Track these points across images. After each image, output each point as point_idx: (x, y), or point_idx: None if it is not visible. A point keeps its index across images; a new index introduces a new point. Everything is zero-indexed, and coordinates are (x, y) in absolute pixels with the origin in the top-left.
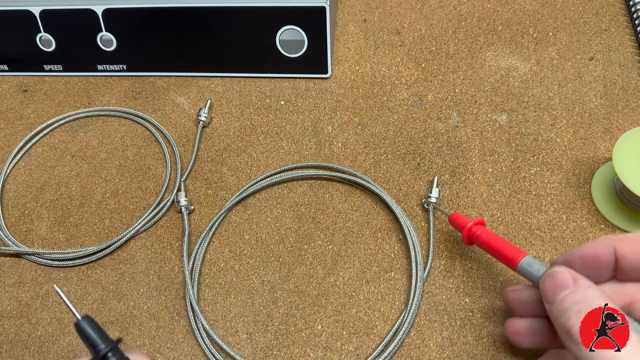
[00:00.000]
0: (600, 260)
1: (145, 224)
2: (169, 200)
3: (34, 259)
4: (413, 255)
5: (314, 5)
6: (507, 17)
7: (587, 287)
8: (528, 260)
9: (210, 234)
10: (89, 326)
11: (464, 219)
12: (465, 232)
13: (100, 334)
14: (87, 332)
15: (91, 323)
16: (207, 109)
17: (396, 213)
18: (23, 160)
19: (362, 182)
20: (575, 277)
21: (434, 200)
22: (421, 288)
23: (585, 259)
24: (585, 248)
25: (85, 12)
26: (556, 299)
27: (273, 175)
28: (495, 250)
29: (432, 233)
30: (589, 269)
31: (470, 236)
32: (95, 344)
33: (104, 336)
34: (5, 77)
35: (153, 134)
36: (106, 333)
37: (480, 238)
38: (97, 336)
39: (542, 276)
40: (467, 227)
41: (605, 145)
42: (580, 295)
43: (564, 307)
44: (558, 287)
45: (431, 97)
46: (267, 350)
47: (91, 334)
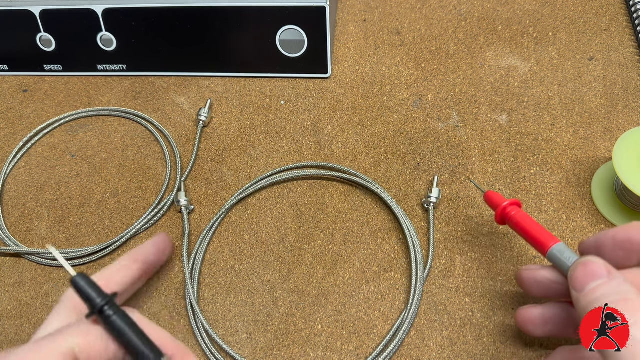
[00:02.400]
0: (632, 243)
1: (145, 224)
2: (169, 200)
3: (34, 258)
4: (413, 255)
5: (314, 5)
6: (507, 17)
7: (623, 280)
8: (560, 247)
9: (211, 234)
10: (84, 282)
11: (499, 198)
12: (499, 212)
13: (96, 289)
14: (83, 287)
15: (86, 280)
16: (207, 108)
17: (396, 213)
18: (23, 160)
19: (362, 182)
20: (610, 270)
21: (434, 200)
22: (421, 288)
23: (618, 240)
24: (618, 230)
25: (85, 12)
26: (586, 287)
27: (273, 175)
28: (527, 233)
29: (432, 233)
30: (620, 250)
31: (503, 216)
32: (91, 299)
33: (99, 291)
34: (5, 77)
35: (153, 133)
36: (101, 289)
37: (514, 219)
38: (93, 291)
39: (574, 263)
40: (501, 206)
41: (605, 145)
42: (615, 288)
43: (595, 297)
44: (590, 276)
45: (431, 97)
46: (267, 350)
47: (87, 289)
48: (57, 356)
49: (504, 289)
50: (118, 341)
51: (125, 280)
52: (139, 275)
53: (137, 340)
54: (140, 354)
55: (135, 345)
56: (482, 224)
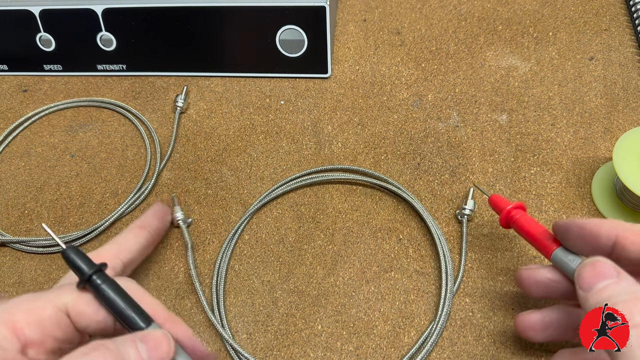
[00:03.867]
0: (598, 241)
1: (128, 207)
2: (150, 184)
3: (18, 247)
4: (443, 266)
5: (314, 5)
6: (507, 16)
7: (633, 281)
8: (564, 250)
9: (232, 245)
10: (74, 254)
11: (503, 202)
12: (504, 215)
13: (85, 260)
14: (73, 259)
15: (76, 252)
16: (184, 95)
17: (427, 222)
18: (23, 160)
19: (391, 187)
20: (619, 270)
21: (469, 212)
22: (450, 300)
23: (585, 232)
24: (589, 222)
25: (85, 12)
26: (594, 287)
27: (302, 177)
28: (531, 236)
29: (464, 246)
30: (584, 241)
31: (508, 219)
32: (81, 269)
33: (89, 262)
34: (5, 77)
35: (134, 123)
36: (92, 260)
37: (518, 222)
38: (82, 262)
39: (581, 263)
40: (505, 210)
41: (605, 145)
42: (626, 288)
43: (605, 296)
44: (599, 276)
45: (431, 97)
46: (267, 351)
47: (76, 261)
48: (51, 308)
49: (504, 289)
50: (107, 308)
51: (135, 247)
52: (147, 241)
53: (125, 307)
54: (128, 319)
55: (123, 311)
56: (482, 225)
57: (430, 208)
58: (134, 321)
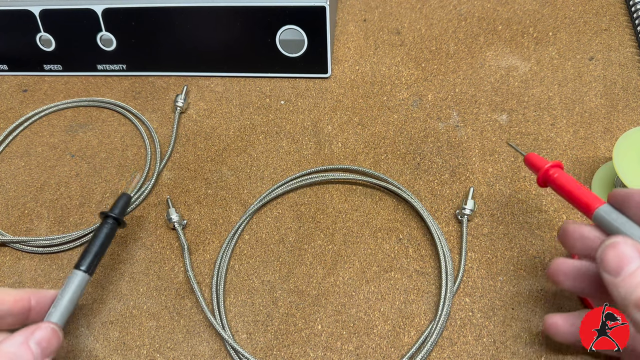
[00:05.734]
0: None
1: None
2: (150, 184)
3: (18, 246)
4: (443, 266)
5: (314, 5)
6: (507, 16)
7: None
8: (606, 208)
9: (232, 245)
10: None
11: (541, 161)
12: (542, 174)
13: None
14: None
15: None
16: (184, 94)
17: (427, 222)
18: (23, 160)
19: (391, 187)
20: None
21: (469, 212)
22: (450, 300)
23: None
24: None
25: (85, 12)
26: (622, 272)
27: (301, 177)
28: (571, 194)
29: (464, 246)
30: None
31: (546, 178)
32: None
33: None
34: (5, 77)
35: (132, 122)
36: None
37: (557, 181)
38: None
39: (602, 246)
40: (544, 168)
41: (605, 145)
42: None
43: (635, 282)
44: (624, 259)
45: (431, 97)
46: (267, 350)
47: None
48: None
49: (504, 289)
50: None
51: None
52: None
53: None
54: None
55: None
56: (482, 225)
57: (430, 208)
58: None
